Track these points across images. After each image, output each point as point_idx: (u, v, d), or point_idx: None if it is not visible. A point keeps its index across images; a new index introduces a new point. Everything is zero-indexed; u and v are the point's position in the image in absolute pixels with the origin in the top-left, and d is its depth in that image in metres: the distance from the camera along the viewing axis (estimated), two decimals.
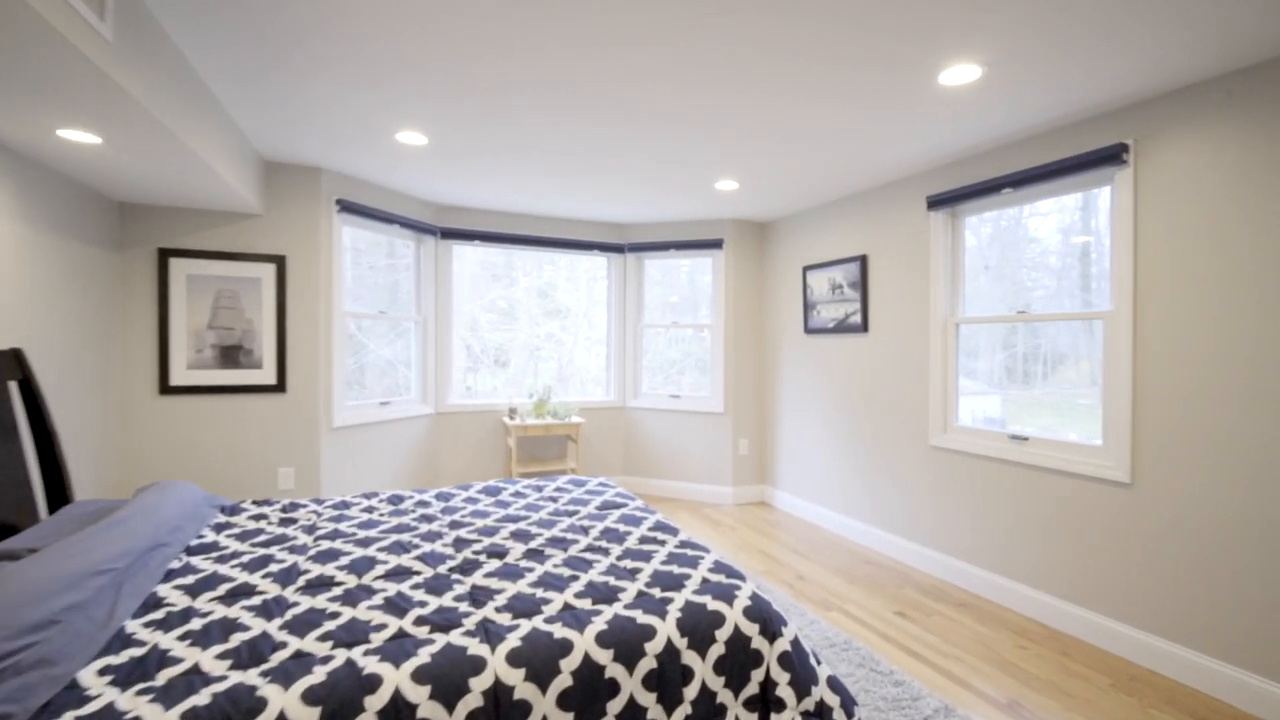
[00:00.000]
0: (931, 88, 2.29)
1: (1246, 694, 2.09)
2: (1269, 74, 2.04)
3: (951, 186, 3.17)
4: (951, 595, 3.04)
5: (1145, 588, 2.39)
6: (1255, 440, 2.08)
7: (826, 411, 4.11)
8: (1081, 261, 2.73)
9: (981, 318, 3.10)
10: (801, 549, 3.71)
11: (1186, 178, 2.26)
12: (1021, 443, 2.88)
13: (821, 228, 4.14)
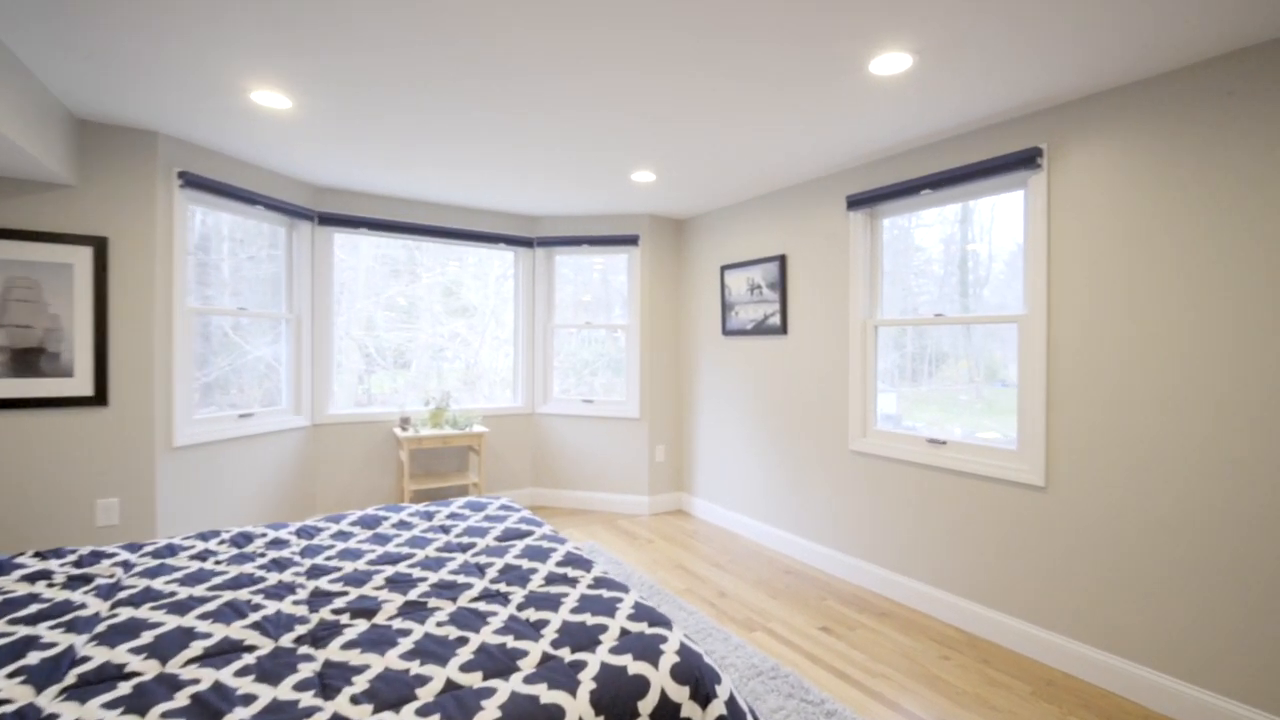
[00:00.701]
0: (862, 76, 2.15)
1: (1158, 694, 2.11)
2: (1172, 84, 2.07)
3: (871, 186, 3.11)
4: (873, 604, 2.97)
5: (1059, 590, 2.39)
6: (1166, 443, 2.10)
7: (746, 416, 3.98)
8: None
9: (900, 320, 3.05)
10: (722, 561, 3.54)
11: (1097, 183, 2.27)
12: (939, 446, 2.85)
13: (740, 226, 4.01)
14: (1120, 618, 2.22)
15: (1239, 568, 1.94)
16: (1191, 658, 2.04)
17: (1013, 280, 2.66)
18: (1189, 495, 2.04)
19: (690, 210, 4.28)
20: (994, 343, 2.75)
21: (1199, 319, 2.02)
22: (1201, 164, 2.01)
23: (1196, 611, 2.03)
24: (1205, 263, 2.01)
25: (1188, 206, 2.04)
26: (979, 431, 2.77)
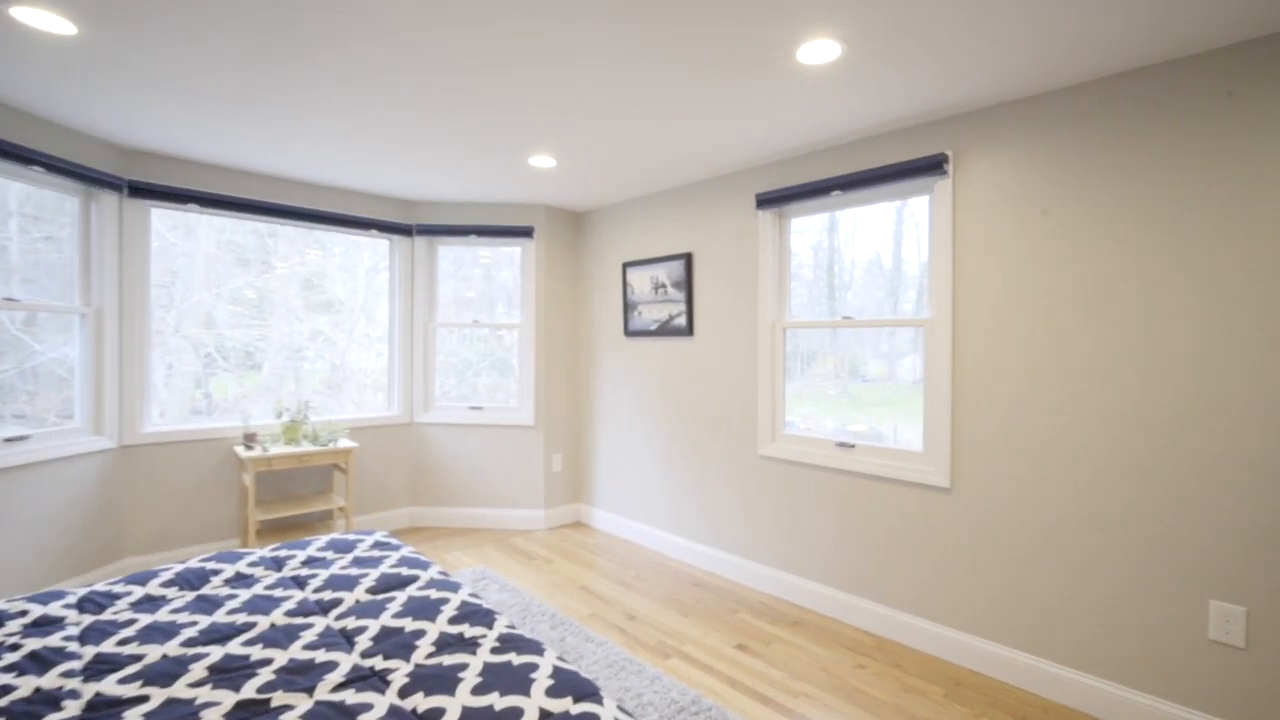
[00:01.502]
0: (789, 65, 2.01)
1: (1059, 686, 2.19)
2: (1071, 99, 2.15)
3: (782, 185, 3.03)
4: (785, 614, 2.89)
5: (965, 590, 2.43)
6: (1067, 445, 2.18)
7: (650, 421, 3.78)
8: (829, 274, 2.98)
9: (808, 322, 3.01)
10: (627, 577, 3.31)
11: (999, 190, 2.32)
12: (848, 450, 2.83)
13: (644, 221, 3.81)
14: (1024, 615, 2.28)
15: (1138, 564, 2.04)
16: (1093, 651, 2.13)
17: (871, 287, 2.81)
18: (1089, 495, 2.13)
19: (591, 202, 4.01)
20: (855, 343, 2.88)
21: (1097, 325, 2.11)
22: (1097, 176, 2.10)
23: (1097, 607, 2.12)
24: (1103, 271, 2.09)
25: (1085, 215, 2.13)
26: (849, 425, 2.91)
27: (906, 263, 2.74)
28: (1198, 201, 1.90)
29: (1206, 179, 1.89)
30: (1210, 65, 1.88)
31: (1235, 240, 1.84)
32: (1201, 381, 1.90)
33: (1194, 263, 1.92)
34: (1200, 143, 1.90)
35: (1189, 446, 1.93)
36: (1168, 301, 1.96)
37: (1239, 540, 1.85)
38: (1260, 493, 1.81)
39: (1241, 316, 1.84)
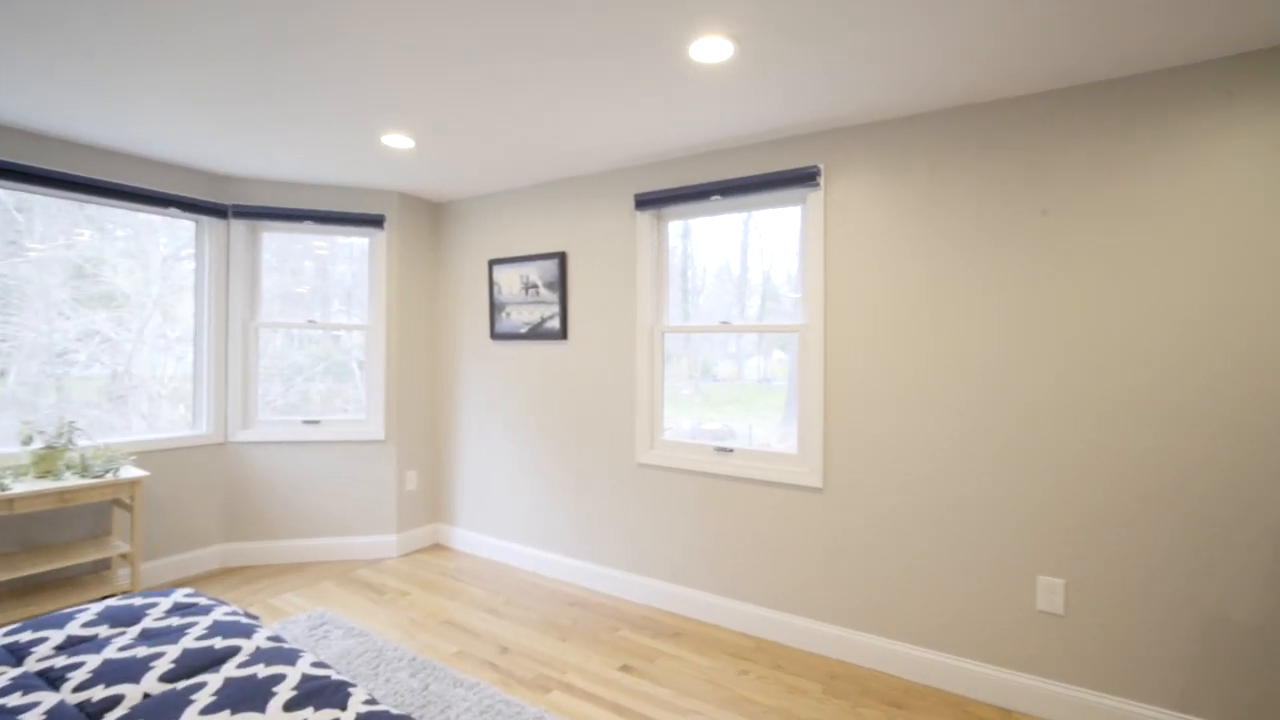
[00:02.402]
0: (681, 61, 1.92)
1: (920, 668, 2.35)
2: (932, 123, 2.33)
3: (662, 186, 2.97)
4: (666, 625, 2.82)
5: (838, 585, 2.53)
6: (928, 444, 2.35)
7: (520, 430, 3.52)
8: (682, 278, 3.08)
9: (688, 327, 2.98)
10: (497, 604, 3.03)
11: (866, 203, 2.46)
12: (726, 454, 2.84)
13: (514, 216, 3.54)
14: (889, 603, 2.42)
15: (981, 549, 2.25)
16: (946, 631, 2.31)
17: (721, 292, 2.95)
18: (943, 487, 2.31)
19: (454, 192, 3.65)
20: (706, 344, 3.00)
21: (949, 333, 2.30)
22: (950, 194, 2.29)
23: (949, 590, 2.30)
24: (954, 282, 2.29)
25: (940, 231, 2.31)
26: (706, 424, 2.99)
27: (751, 270, 2.86)
28: (1032, 222, 2.15)
29: (1034, 202, 2.14)
30: (1038, 106, 2.13)
31: (1061, 254, 2.11)
32: (1030, 386, 2.15)
33: (1030, 275, 2.16)
34: (1034, 171, 2.15)
35: (1021, 443, 2.16)
36: (1006, 311, 2.19)
37: (1061, 522, 2.11)
38: (1077, 482, 2.08)
39: (1064, 326, 2.10)
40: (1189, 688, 1.92)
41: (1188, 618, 1.92)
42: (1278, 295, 1.80)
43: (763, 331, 2.79)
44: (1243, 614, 1.86)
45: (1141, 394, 1.98)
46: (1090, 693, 2.05)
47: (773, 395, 2.89)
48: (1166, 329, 1.95)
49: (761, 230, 2.85)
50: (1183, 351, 1.93)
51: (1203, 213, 1.89)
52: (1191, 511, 1.92)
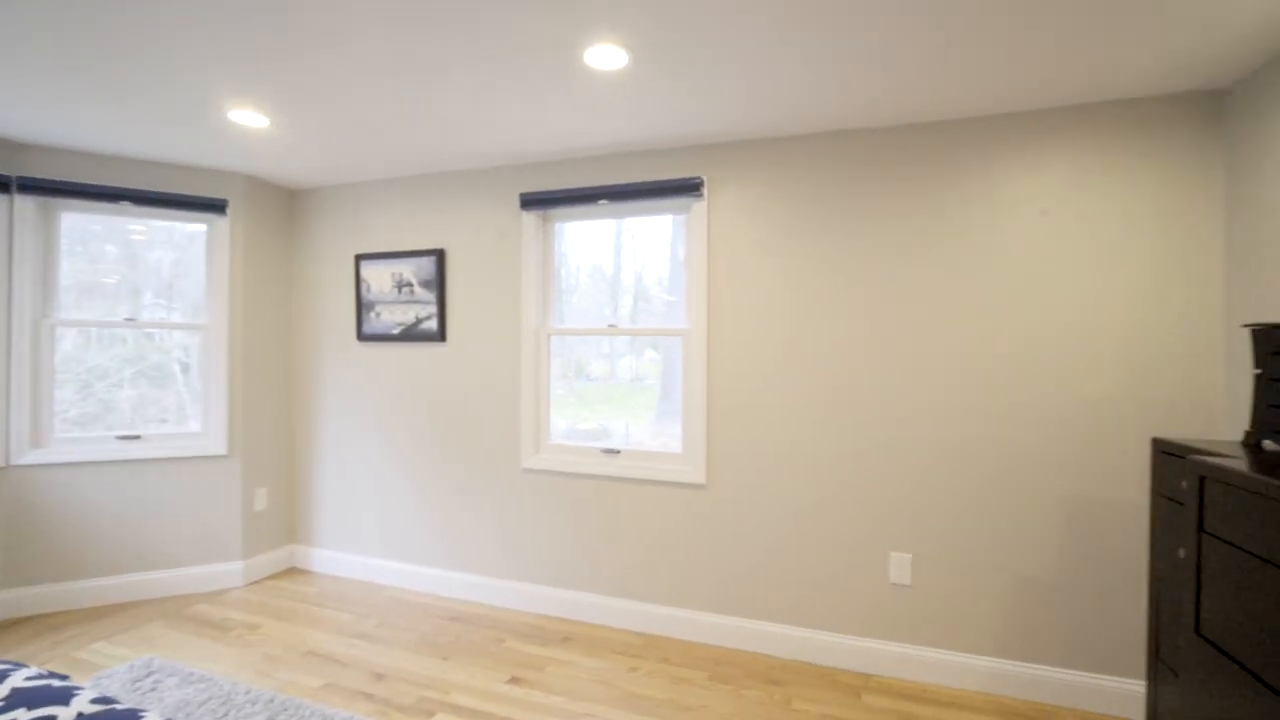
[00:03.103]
0: (577, 67, 1.92)
1: (793, 645, 2.54)
2: (810, 144, 2.54)
3: (549, 187, 2.94)
4: (554, 631, 2.78)
5: (720, 575, 2.67)
6: (794, 438, 2.55)
7: (393, 438, 3.28)
8: (556, 278, 3.08)
9: (575, 329, 2.97)
10: (368, 627, 2.79)
11: (746, 214, 2.62)
12: (614, 456, 2.87)
13: (387, 209, 3.30)
14: (765, 588, 2.60)
15: (843, 531, 2.49)
16: (814, 609, 2.52)
17: (594, 291, 3.00)
18: (811, 478, 2.53)
19: (316, 178, 3.31)
20: (580, 344, 3.04)
21: (823, 339, 2.52)
22: (821, 209, 2.52)
23: (814, 571, 2.52)
24: (824, 292, 2.51)
25: (811, 244, 2.53)
26: (581, 424, 3.03)
27: (624, 271, 2.93)
28: (890, 242, 2.43)
29: (892, 221, 2.42)
30: (894, 136, 2.41)
31: (914, 277, 2.40)
32: (883, 389, 2.42)
33: (885, 295, 2.43)
34: (892, 193, 2.42)
35: (875, 439, 2.43)
36: (865, 324, 2.46)
37: (907, 505, 2.40)
38: (920, 470, 2.38)
39: (913, 341, 2.40)
40: (1007, 636, 2.28)
41: (1005, 579, 2.29)
42: (1077, 314, 2.21)
43: (649, 335, 2.86)
44: (1044, 573, 2.24)
45: (971, 397, 2.32)
46: (933, 650, 2.36)
47: (645, 394, 2.96)
48: (988, 342, 2.30)
49: (634, 231, 2.92)
50: (1001, 362, 2.29)
51: (1021, 244, 2.27)
52: (1007, 491, 2.28)
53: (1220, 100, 2.06)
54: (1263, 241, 1.89)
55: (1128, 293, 2.15)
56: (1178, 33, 1.72)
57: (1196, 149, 2.08)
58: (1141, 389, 2.14)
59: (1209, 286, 2.07)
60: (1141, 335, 2.14)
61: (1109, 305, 2.17)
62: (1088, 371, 2.19)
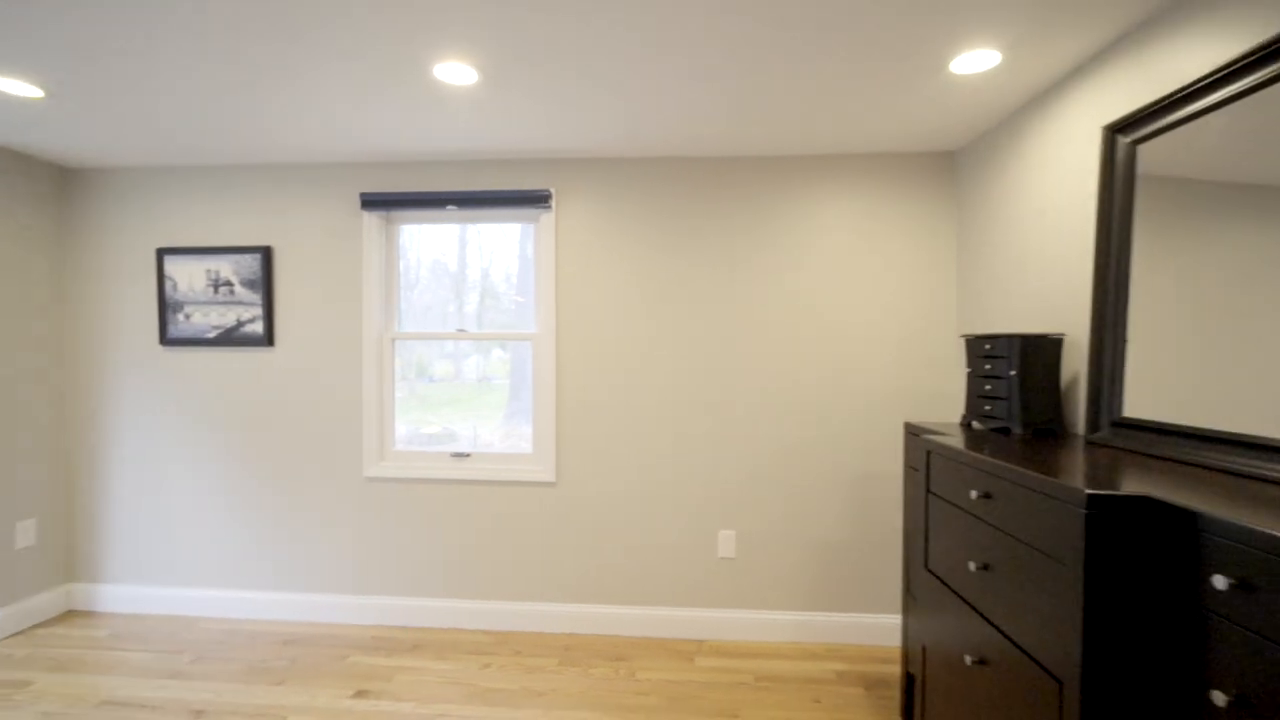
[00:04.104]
0: (425, 78, 1.94)
1: (633, 624, 2.78)
2: (646, 166, 2.78)
3: (394, 189, 2.86)
4: (403, 641, 2.73)
5: (571, 566, 2.82)
6: (636, 432, 2.79)
7: (211, 454, 2.96)
8: (396, 271, 3.05)
9: (423, 333, 2.93)
10: (181, 664, 2.52)
11: (591, 226, 2.81)
12: (463, 459, 2.89)
13: (199, 198, 2.96)
14: (611, 573, 2.81)
15: (680, 515, 2.77)
16: (654, 587, 2.78)
17: (437, 287, 2.99)
18: (652, 469, 2.78)
19: (102, 157, 2.86)
20: (421, 345, 3.00)
21: (661, 343, 2.78)
22: (661, 226, 2.78)
23: (655, 552, 2.78)
24: (663, 301, 2.78)
25: (653, 256, 2.78)
26: (425, 428, 2.99)
27: (470, 267, 2.96)
28: (720, 258, 2.76)
29: (724, 241, 2.76)
30: (724, 165, 2.75)
31: (737, 291, 2.75)
32: (710, 388, 2.76)
33: (710, 308, 2.76)
34: (722, 215, 2.75)
35: (704, 431, 2.76)
36: (698, 332, 2.77)
37: (733, 487, 2.76)
38: (742, 456, 2.75)
39: (735, 348, 2.75)
40: (810, 592, 2.73)
41: (808, 545, 2.73)
42: (864, 326, 2.71)
43: (496, 339, 2.93)
44: (836, 536, 2.72)
45: (783, 393, 2.74)
46: (753, 612, 2.74)
47: (494, 394, 2.99)
48: (798, 346, 2.73)
49: (480, 228, 2.95)
50: (807, 364, 2.73)
51: (826, 266, 2.72)
52: (810, 472, 2.73)
53: (953, 159, 2.68)
54: (977, 272, 2.50)
55: (897, 309, 2.70)
56: (922, 113, 2.23)
57: (942, 197, 2.68)
58: (903, 384, 2.70)
59: (948, 305, 2.68)
60: (905, 342, 2.69)
61: (884, 319, 2.70)
62: (868, 371, 2.71)
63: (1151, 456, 1.44)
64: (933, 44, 1.77)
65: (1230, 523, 0.91)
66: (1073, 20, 1.64)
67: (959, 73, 1.94)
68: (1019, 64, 1.88)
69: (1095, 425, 1.69)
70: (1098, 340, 1.70)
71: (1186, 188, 1.45)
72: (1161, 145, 1.53)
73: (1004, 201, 2.30)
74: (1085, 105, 1.86)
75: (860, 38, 1.74)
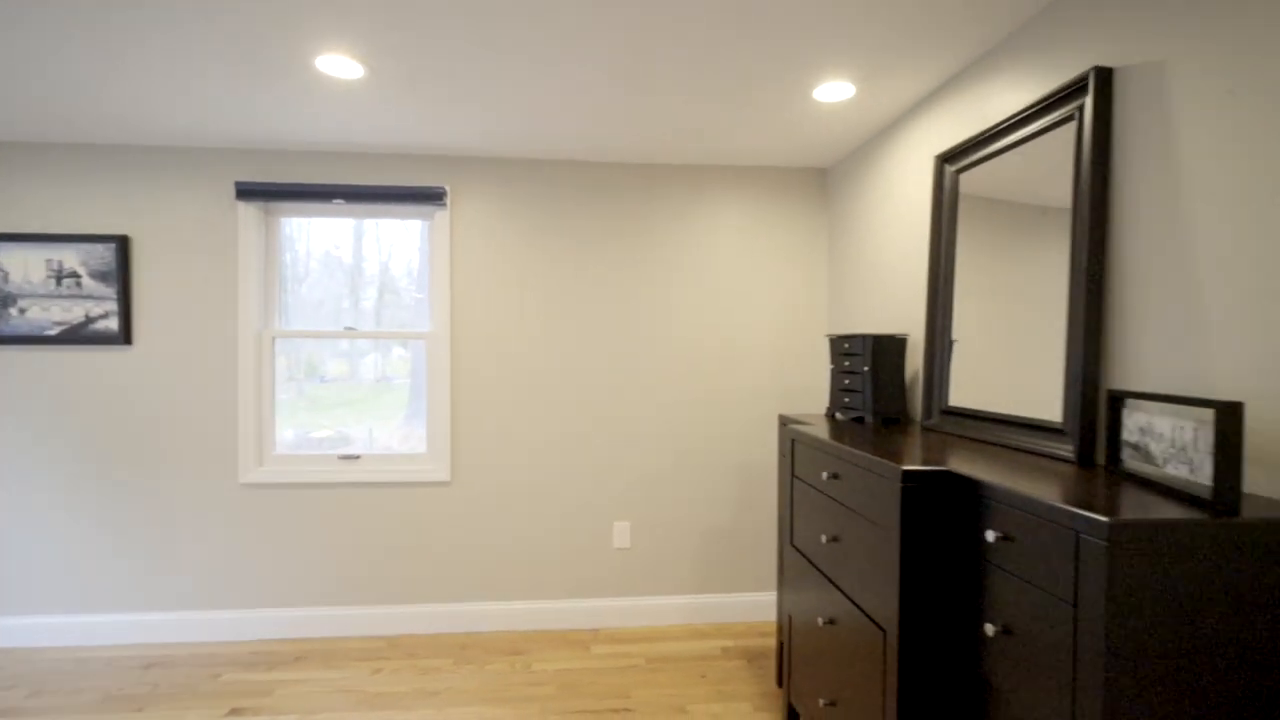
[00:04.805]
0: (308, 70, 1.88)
1: (526, 618, 2.82)
2: (540, 168, 2.83)
3: (276, 179, 2.71)
4: (284, 653, 2.61)
5: (467, 565, 2.82)
6: (531, 428, 2.83)
7: (52, 467, 2.67)
8: (282, 262, 2.90)
9: (307, 331, 2.81)
10: (15, 700, 2.26)
11: (486, 224, 2.81)
12: (353, 461, 2.80)
13: (37, 177, 2.64)
14: (512, 570, 2.83)
15: (575, 508, 2.85)
16: (552, 580, 2.84)
17: (330, 281, 2.82)
18: (548, 462, 2.84)
19: None
20: (313, 343, 2.85)
21: (557, 342, 2.83)
22: (556, 224, 2.83)
23: (553, 546, 2.84)
24: (557, 303, 2.84)
25: (552, 258, 2.83)
26: (314, 431, 2.85)
27: (368, 259, 2.85)
28: (612, 258, 2.86)
29: (622, 246, 2.86)
30: (620, 171, 2.85)
31: (628, 293, 2.87)
32: (604, 386, 2.86)
33: (604, 310, 2.86)
34: (625, 217, 2.85)
35: (601, 425, 2.86)
36: (592, 332, 2.86)
37: (628, 480, 2.87)
38: (636, 450, 2.87)
39: (626, 346, 2.87)
40: (699, 576, 2.90)
41: (697, 532, 2.90)
42: (747, 326, 2.90)
43: (390, 338, 2.86)
44: (723, 522, 2.91)
45: (675, 389, 2.89)
46: (647, 598, 2.87)
47: (394, 394, 2.90)
48: (688, 346, 2.89)
49: (382, 225, 2.87)
50: (696, 362, 2.89)
51: (714, 270, 2.89)
52: (700, 463, 2.90)
53: (824, 175, 2.95)
54: (844, 279, 2.77)
55: (777, 311, 2.93)
56: (794, 132, 2.45)
57: (816, 209, 2.94)
58: (782, 380, 2.94)
59: (821, 307, 2.95)
60: (784, 342, 2.93)
61: (765, 321, 2.92)
62: (752, 369, 2.92)
63: (963, 437, 1.70)
64: (798, 73, 1.97)
65: (997, 486, 1.12)
66: (911, 62, 1.89)
67: (822, 100, 2.16)
68: (870, 97, 2.13)
69: (929, 413, 1.95)
70: (930, 340, 1.97)
71: (996, 208, 1.72)
72: (978, 174, 1.81)
73: (863, 216, 2.58)
74: (922, 136, 2.14)
75: (738, 66, 1.90)
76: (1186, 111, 1.18)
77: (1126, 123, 1.32)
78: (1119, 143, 1.34)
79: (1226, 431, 0.92)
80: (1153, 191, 1.25)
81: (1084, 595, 0.92)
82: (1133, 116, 1.30)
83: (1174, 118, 1.21)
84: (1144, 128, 1.28)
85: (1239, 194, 1.09)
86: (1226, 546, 0.89)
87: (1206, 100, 1.15)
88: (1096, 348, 1.36)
